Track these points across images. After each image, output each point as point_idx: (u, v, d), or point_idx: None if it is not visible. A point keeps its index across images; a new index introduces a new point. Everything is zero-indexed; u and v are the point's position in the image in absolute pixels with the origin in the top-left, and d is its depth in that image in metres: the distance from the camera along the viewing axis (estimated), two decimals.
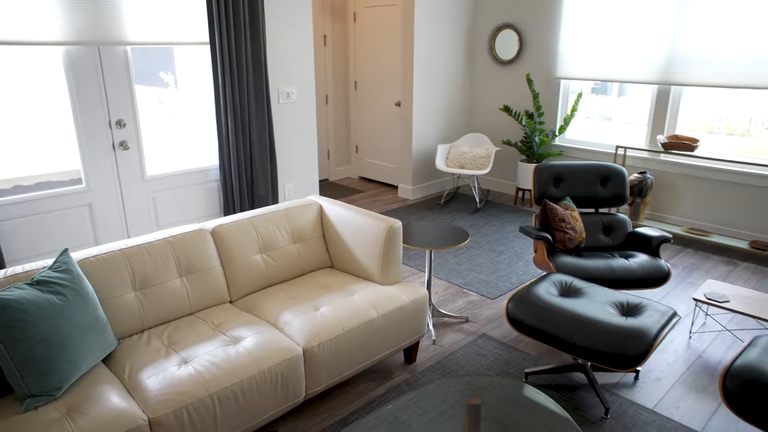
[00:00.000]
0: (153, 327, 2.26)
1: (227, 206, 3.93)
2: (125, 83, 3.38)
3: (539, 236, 3.03)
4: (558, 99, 5.28)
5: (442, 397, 2.05)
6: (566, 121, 5.06)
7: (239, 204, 3.94)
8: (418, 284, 3.70)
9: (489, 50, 5.66)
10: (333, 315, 2.32)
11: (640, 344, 2.16)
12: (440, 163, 5.27)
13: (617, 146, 4.70)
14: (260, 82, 3.85)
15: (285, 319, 2.30)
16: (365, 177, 6.51)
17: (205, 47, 3.76)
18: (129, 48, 3.36)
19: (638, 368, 2.72)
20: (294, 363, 2.10)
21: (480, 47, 5.76)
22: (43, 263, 2.07)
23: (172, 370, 1.92)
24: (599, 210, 3.54)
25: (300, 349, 2.14)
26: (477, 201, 5.48)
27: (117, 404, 1.75)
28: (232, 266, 2.54)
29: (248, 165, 3.95)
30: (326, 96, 6.14)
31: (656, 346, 2.19)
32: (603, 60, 4.84)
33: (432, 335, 3.01)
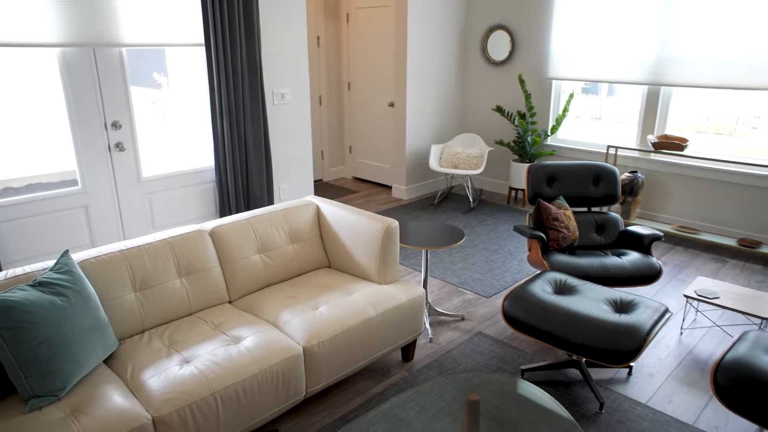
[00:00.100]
0: (153, 327, 2.27)
1: (223, 207, 3.94)
2: (120, 85, 3.39)
3: (533, 235, 3.08)
4: (550, 99, 5.34)
5: (440, 394, 2.08)
6: (558, 121, 5.13)
7: (235, 205, 3.96)
8: (415, 283, 3.73)
9: (481, 51, 5.71)
10: (332, 314, 2.35)
11: (634, 340, 2.21)
12: (434, 163, 5.31)
13: (608, 146, 4.77)
14: (255, 84, 3.86)
15: (284, 319, 2.33)
16: (359, 177, 6.54)
17: (197, 48, 3.77)
18: (124, 50, 3.37)
19: (631, 364, 2.78)
20: (294, 362, 2.13)
21: (472, 48, 5.81)
22: (44, 265, 2.08)
23: (174, 370, 1.94)
24: (592, 209, 3.60)
25: (300, 348, 2.17)
26: (470, 201, 5.53)
27: (121, 404, 1.76)
28: (231, 266, 2.56)
29: (243, 166, 3.96)
30: (320, 97, 6.16)
31: (649, 342, 2.24)
32: (594, 61, 4.91)
33: (429, 333, 3.05)
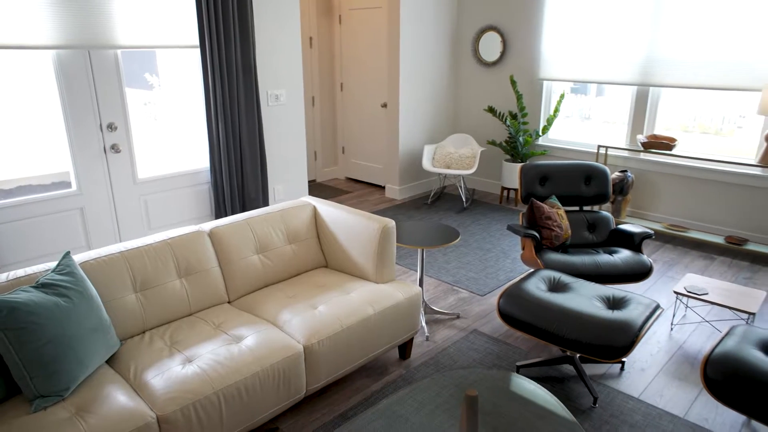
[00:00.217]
0: (154, 328, 2.29)
1: (218, 208, 3.96)
2: (116, 86, 3.39)
3: (527, 234, 3.13)
4: (541, 100, 5.41)
5: (438, 391, 2.12)
6: (549, 122, 5.19)
7: (230, 206, 3.97)
8: (410, 282, 3.76)
9: (473, 52, 5.77)
10: (331, 313, 2.38)
11: (627, 336, 2.26)
12: (427, 164, 5.36)
13: (599, 146, 4.84)
14: (250, 85, 3.88)
15: (284, 318, 2.36)
16: (352, 178, 6.57)
17: (189, 50, 3.78)
18: (119, 51, 3.37)
19: (624, 359, 2.84)
20: (295, 360, 2.16)
21: (464, 49, 5.86)
22: (45, 266, 2.09)
23: (177, 369, 1.96)
24: (583, 208, 3.67)
25: (300, 347, 2.20)
26: (463, 200, 5.58)
27: (125, 403, 1.78)
28: (230, 267, 2.58)
29: (239, 167, 3.98)
30: (312, 98, 6.18)
31: (641, 337, 2.29)
32: (584, 62, 4.98)
33: (425, 332, 3.09)
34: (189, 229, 2.52)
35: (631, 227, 3.30)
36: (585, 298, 2.55)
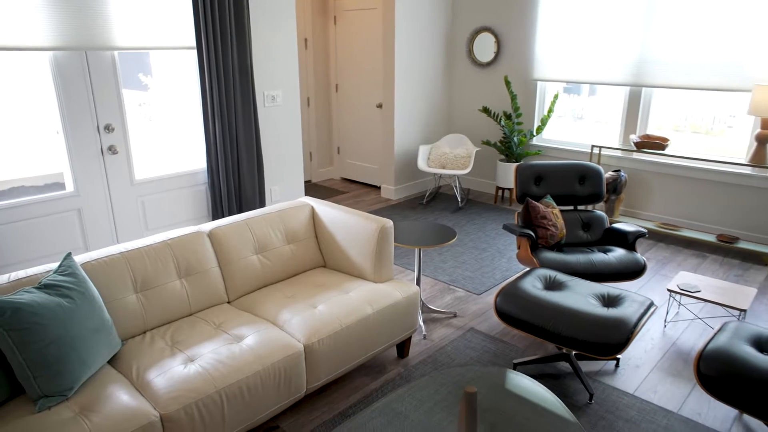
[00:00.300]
0: (155, 328, 2.31)
1: (215, 209, 3.97)
2: (113, 88, 3.40)
3: (523, 233, 3.17)
4: (535, 100, 5.46)
5: (436, 388, 2.15)
6: (543, 122, 5.24)
7: (227, 207, 3.99)
8: (408, 282, 3.79)
9: (468, 53, 5.81)
10: (330, 312, 2.41)
11: (622, 333, 2.30)
12: (422, 164, 5.39)
13: (593, 145, 4.89)
14: (246, 86, 3.90)
15: (284, 318, 2.38)
16: (347, 178, 6.60)
17: (184, 51, 3.78)
18: (116, 53, 3.38)
19: (619, 356, 2.88)
20: (296, 359, 2.18)
21: (459, 50, 5.90)
22: (46, 267, 2.10)
23: (179, 369, 1.98)
24: (578, 207, 3.72)
25: (301, 346, 2.22)
26: (458, 200, 5.62)
27: (128, 402, 1.80)
28: (229, 267, 2.60)
29: (235, 168, 4.00)
30: (308, 98, 6.20)
31: (636, 334, 2.33)
32: (578, 63, 5.03)
33: (422, 330, 3.12)
34: (189, 230, 2.54)
35: (625, 226, 3.34)
36: (580, 296, 2.59)
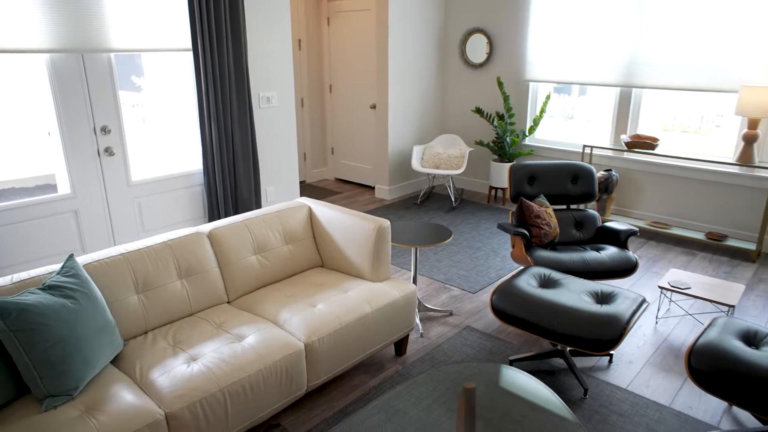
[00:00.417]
0: (156, 328, 2.33)
1: (211, 210, 3.99)
2: (109, 90, 3.41)
3: (517, 232, 3.22)
4: (527, 100, 5.52)
5: (434, 385, 2.19)
6: (536, 122, 5.31)
7: (223, 208, 4.01)
8: (404, 281, 3.84)
9: (460, 54, 5.86)
10: (330, 311, 2.44)
11: (615, 329, 2.36)
12: (416, 164, 5.44)
13: (584, 145, 4.96)
14: (242, 88, 3.92)
15: (284, 317, 2.41)
16: (341, 178, 6.63)
17: (179, 53, 3.80)
18: (113, 55, 3.39)
19: (612, 352, 2.94)
20: (297, 357, 2.21)
21: (452, 51, 5.95)
22: (48, 269, 2.12)
23: (182, 368, 2.01)
24: (570, 206, 3.78)
25: (302, 345, 2.26)
26: (452, 200, 5.67)
27: (133, 401, 1.83)
28: (229, 267, 2.63)
29: (231, 169, 4.02)
30: (302, 99, 6.22)
31: (629, 330, 2.39)
32: (570, 64, 5.10)
33: (419, 329, 3.17)
34: (189, 231, 2.56)
35: (617, 225, 3.41)
36: (574, 294, 2.65)
